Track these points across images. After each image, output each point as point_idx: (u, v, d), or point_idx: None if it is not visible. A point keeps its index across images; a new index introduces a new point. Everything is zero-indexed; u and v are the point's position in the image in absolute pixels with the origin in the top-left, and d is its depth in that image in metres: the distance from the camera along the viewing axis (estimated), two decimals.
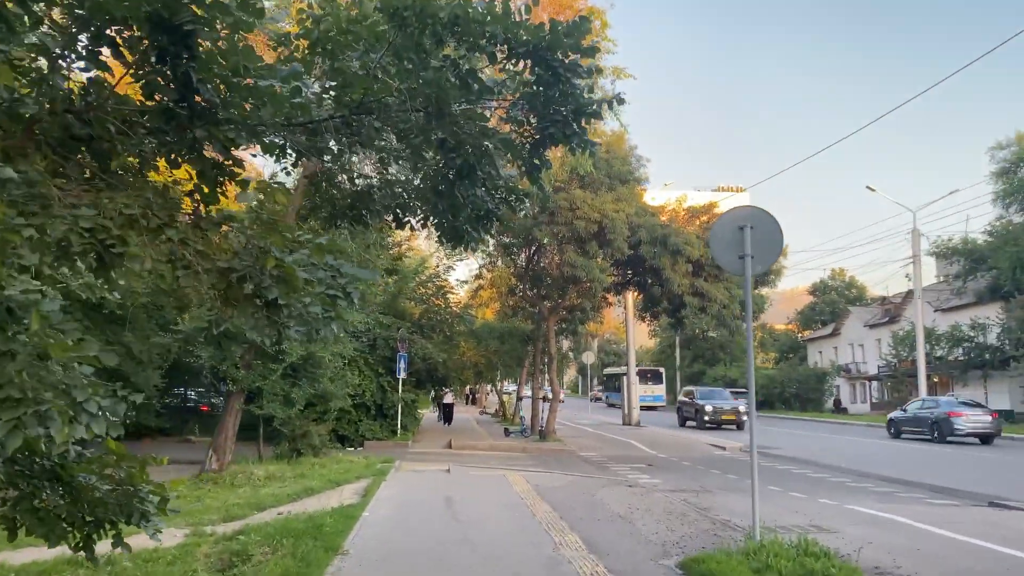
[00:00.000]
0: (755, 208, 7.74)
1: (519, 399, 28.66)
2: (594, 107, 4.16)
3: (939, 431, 24.00)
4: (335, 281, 3.90)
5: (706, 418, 29.92)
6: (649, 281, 21.37)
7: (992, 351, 38.16)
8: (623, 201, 18.58)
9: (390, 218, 5.68)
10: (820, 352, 63.32)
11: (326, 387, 15.34)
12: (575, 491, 11.94)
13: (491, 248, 22.24)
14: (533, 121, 4.27)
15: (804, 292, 72.26)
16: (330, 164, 5.22)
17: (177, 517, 10.42)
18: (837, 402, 51.89)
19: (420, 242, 29.65)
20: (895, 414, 28.00)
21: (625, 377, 32.35)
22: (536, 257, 22.19)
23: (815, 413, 48.33)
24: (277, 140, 4.14)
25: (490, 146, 4.36)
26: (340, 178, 5.41)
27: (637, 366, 63.47)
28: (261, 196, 3.63)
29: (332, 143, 4.42)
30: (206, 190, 3.60)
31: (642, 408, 47.70)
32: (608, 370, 66.11)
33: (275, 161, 4.58)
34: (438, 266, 26.90)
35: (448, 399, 30.08)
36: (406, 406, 22.30)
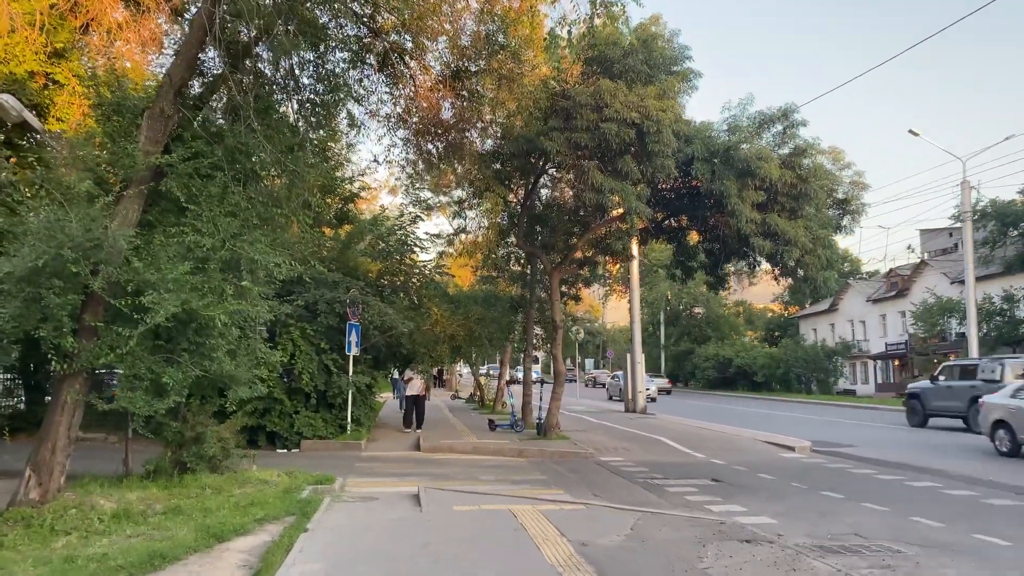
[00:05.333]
0: None
1: (508, 382, 22.96)
2: None
3: None
4: None
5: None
6: (684, 221, 15.68)
7: None
8: (668, 98, 12.80)
9: None
10: (814, 330, 58.74)
11: (222, 366, 9.39)
12: (661, 561, 6.34)
13: (474, 171, 16.16)
14: None
15: None
16: None
17: None
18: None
19: (382, 199, 23.66)
20: None
21: (629, 358, 26.71)
22: (536, 189, 16.19)
23: (826, 396, 43.59)
24: None
25: None
26: None
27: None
28: None
29: None
30: None
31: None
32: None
33: None
34: (402, 215, 20.89)
35: (415, 387, 18.95)
36: (359, 393, 16.53)
